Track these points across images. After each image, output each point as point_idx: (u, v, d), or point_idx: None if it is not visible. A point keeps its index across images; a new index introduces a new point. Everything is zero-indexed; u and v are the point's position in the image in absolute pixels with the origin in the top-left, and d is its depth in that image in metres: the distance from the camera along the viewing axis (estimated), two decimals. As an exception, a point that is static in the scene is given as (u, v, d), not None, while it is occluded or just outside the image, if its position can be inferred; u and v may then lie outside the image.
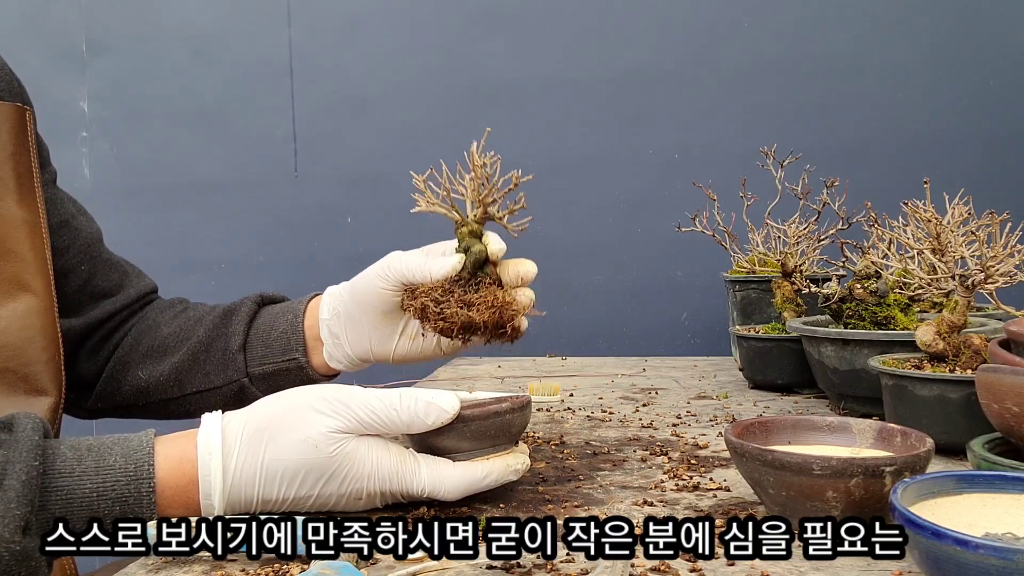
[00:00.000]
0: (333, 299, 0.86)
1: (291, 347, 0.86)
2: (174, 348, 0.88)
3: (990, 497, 0.52)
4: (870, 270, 0.99)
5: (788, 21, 1.67)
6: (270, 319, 0.89)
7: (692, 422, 1.00)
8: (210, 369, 0.87)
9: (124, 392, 0.89)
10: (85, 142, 1.96)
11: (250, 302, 0.90)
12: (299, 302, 0.89)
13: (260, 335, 0.87)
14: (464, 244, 0.77)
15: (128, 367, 0.89)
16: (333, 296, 0.86)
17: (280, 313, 0.89)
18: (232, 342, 0.86)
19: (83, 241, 0.88)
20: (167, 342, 0.89)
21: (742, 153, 1.44)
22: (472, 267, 0.75)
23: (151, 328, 0.91)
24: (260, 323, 0.89)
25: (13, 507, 0.52)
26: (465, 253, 0.76)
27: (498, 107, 1.78)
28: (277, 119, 1.88)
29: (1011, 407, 0.63)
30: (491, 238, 0.78)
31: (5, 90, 0.78)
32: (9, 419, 0.59)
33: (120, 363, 0.89)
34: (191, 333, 0.89)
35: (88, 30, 1.95)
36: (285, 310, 0.89)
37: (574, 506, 0.68)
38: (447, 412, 0.64)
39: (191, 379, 0.87)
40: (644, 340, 1.73)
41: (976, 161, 1.60)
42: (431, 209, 0.78)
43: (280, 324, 0.87)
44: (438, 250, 0.81)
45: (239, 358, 0.86)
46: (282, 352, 0.86)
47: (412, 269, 0.77)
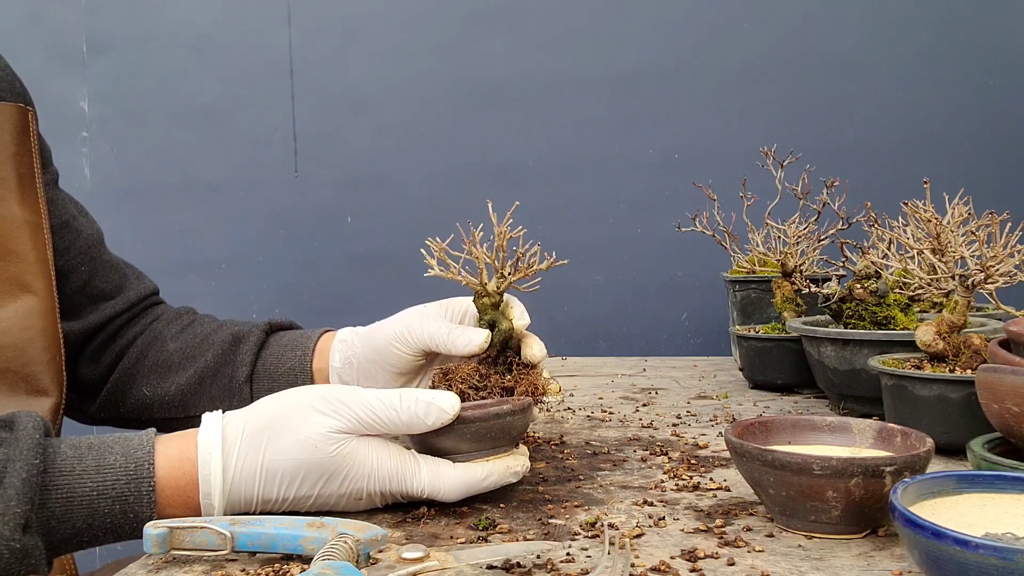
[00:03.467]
0: (345, 347, 0.85)
1: (298, 384, 0.85)
2: (180, 367, 0.88)
3: (990, 497, 0.52)
4: (870, 270, 0.99)
5: (788, 21, 1.67)
6: (278, 351, 0.88)
7: (692, 422, 1.00)
8: (216, 395, 0.86)
9: (128, 405, 0.89)
10: (85, 142, 1.96)
11: (259, 331, 0.89)
12: (308, 338, 0.88)
13: (267, 368, 0.87)
14: (489, 318, 0.75)
15: (133, 380, 0.89)
16: (345, 344, 0.85)
17: (288, 347, 0.88)
18: (239, 372, 0.86)
19: (84, 242, 0.88)
20: (172, 359, 0.88)
21: (742, 153, 1.44)
22: (500, 345, 0.75)
23: (157, 340, 0.90)
24: (268, 355, 0.88)
25: (13, 505, 0.52)
26: (491, 329, 0.75)
27: (498, 107, 1.78)
28: (277, 119, 1.88)
29: (1011, 407, 0.63)
30: (515, 311, 0.77)
31: (7, 91, 0.78)
32: (10, 417, 0.59)
33: (125, 375, 0.89)
34: (197, 353, 0.88)
35: (88, 30, 1.95)
36: (294, 345, 0.88)
37: (574, 506, 0.68)
38: (447, 413, 0.64)
39: (196, 403, 0.87)
40: (644, 340, 1.74)
41: (976, 161, 1.60)
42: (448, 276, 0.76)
43: (288, 360, 0.86)
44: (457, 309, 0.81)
45: (245, 389, 0.86)
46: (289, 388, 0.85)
47: (435, 339, 0.76)
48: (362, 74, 1.84)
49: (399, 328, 0.79)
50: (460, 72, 1.80)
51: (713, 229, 1.24)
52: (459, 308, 0.81)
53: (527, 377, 0.74)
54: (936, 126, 1.62)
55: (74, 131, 1.95)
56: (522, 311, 0.77)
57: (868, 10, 1.64)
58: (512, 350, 0.75)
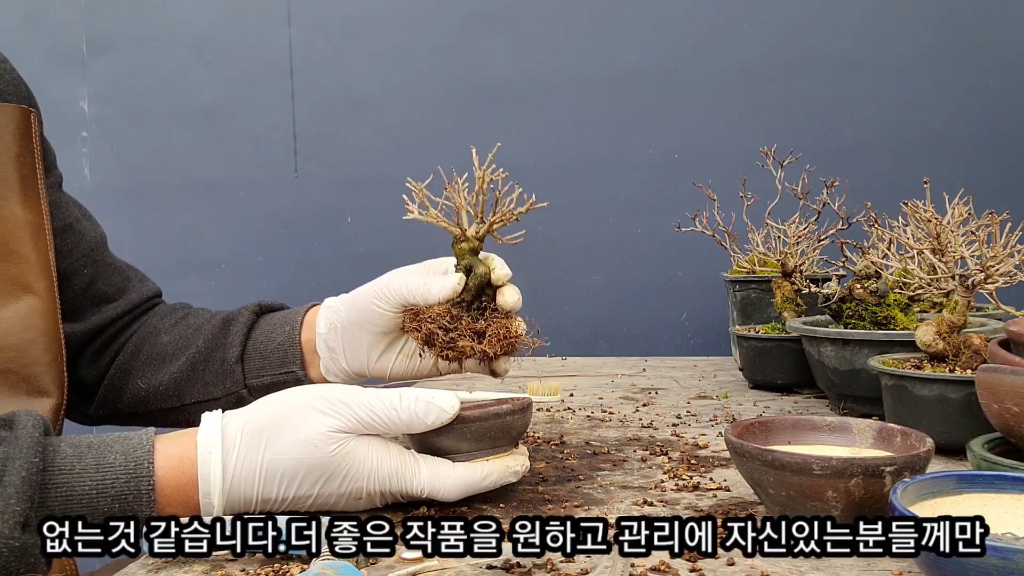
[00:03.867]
0: (330, 312, 0.85)
1: (288, 360, 0.85)
2: (173, 356, 0.88)
3: (990, 497, 0.52)
4: (870, 270, 0.99)
5: (788, 21, 1.67)
6: (268, 330, 0.88)
7: (692, 422, 1.00)
8: (209, 379, 0.86)
9: (125, 400, 0.89)
10: (85, 142, 1.96)
11: (248, 312, 0.89)
12: (296, 312, 0.88)
13: (258, 347, 0.87)
14: (466, 263, 0.74)
15: (129, 375, 0.89)
16: (330, 309, 0.85)
17: (278, 324, 0.88)
18: (230, 353, 0.86)
19: (86, 245, 0.88)
20: (166, 350, 0.89)
21: (742, 153, 1.44)
22: (475, 290, 0.73)
23: (151, 335, 0.91)
24: (258, 334, 0.88)
25: (12, 503, 0.52)
26: (467, 274, 0.74)
27: (498, 107, 1.78)
28: (277, 119, 1.88)
29: (1011, 407, 0.63)
30: (496, 261, 0.76)
31: (12, 93, 0.78)
32: (10, 416, 0.59)
33: (121, 370, 0.89)
34: (190, 342, 0.88)
35: (88, 30, 1.95)
36: (283, 321, 0.88)
37: (574, 506, 0.68)
38: (447, 412, 0.64)
39: (190, 390, 0.87)
40: (644, 340, 1.74)
41: (976, 161, 1.60)
42: (426, 219, 0.75)
43: (277, 336, 0.87)
44: (438, 268, 0.80)
45: (237, 369, 0.86)
46: (279, 364, 0.86)
47: (412, 290, 0.75)
48: (362, 74, 1.84)
49: (379, 286, 0.79)
50: (460, 72, 1.80)
51: (713, 229, 1.24)
52: (440, 267, 0.80)
53: (500, 321, 0.73)
54: (936, 126, 1.62)
55: (74, 131, 1.95)
56: (502, 263, 0.76)
57: (868, 10, 1.64)
58: (488, 297, 0.74)
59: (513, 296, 0.74)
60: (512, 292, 0.75)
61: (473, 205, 0.74)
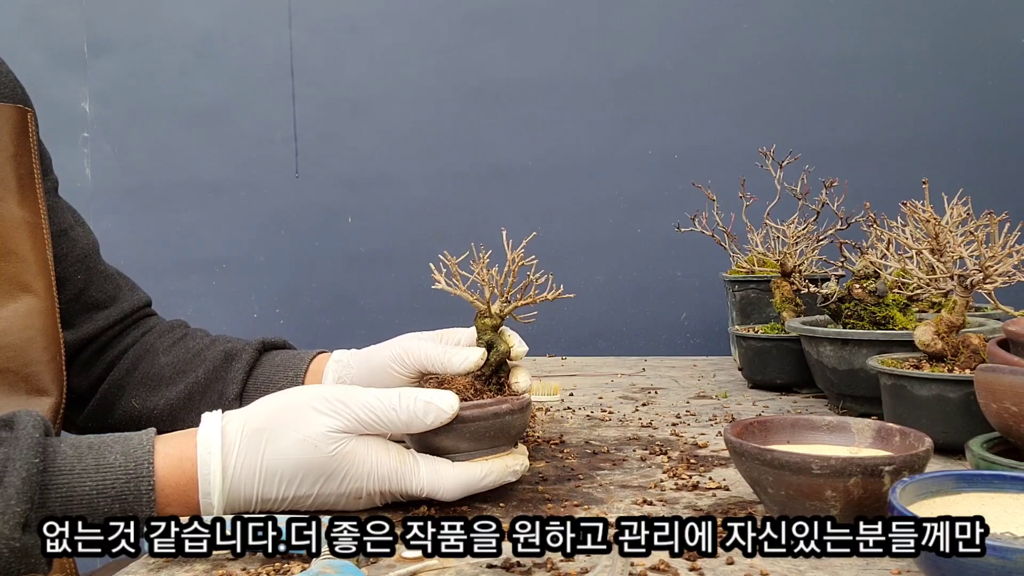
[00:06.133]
0: (340, 367, 0.85)
1: None
2: (170, 381, 0.87)
3: (989, 497, 0.52)
4: (869, 270, 0.99)
5: (788, 21, 1.68)
6: (270, 371, 0.87)
7: (691, 421, 1.00)
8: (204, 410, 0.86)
9: (116, 416, 0.88)
10: (86, 142, 1.96)
11: (251, 349, 0.89)
12: (301, 358, 0.88)
13: (259, 386, 0.86)
14: (487, 339, 0.76)
15: (123, 391, 0.88)
16: (340, 364, 0.85)
17: (281, 367, 0.87)
18: (229, 389, 0.85)
19: (80, 251, 0.88)
20: (163, 372, 0.88)
21: (742, 153, 1.44)
22: (495, 365, 0.75)
23: (148, 353, 0.90)
24: (259, 373, 0.87)
25: (13, 504, 0.53)
26: (488, 349, 0.76)
27: (498, 107, 1.78)
28: (277, 119, 1.88)
29: (1009, 407, 0.63)
30: (515, 339, 0.78)
31: (8, 94, 0.78)
32: (10, 417, 0.59)
33: (115, 386, 0.89)
34: (189, 369, 0.88)
35: (89, 30, 1.95)
36: (287, 364, 0.87)
37: (574, 505, 0.68)
38: (446, 412, 0.64)
39: (184, 417, 0.86)
40: (644, 340, 1.74)
41: (975, 161, 1.60)
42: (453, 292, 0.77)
43: (280, 380, 0.86)
44: (452, 338, 0.81)
45: (235, 406, 0.84)
46: None
47: (432, 360, 0.76)
48: (362, 74, 1.84)
49: (397, 350, 0.79)
50: (460, 73, 1.80)
51: (712, 229, 1.24)
52: (454, 337, 0.82)
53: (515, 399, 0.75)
54: (936, 126, 1.62)
55: (75, 132, 1.96)
56: (520, 341, 0.79)
57: (868, 10, 1.64)
58: (504, 375, 0.76)
59: (525, 380, 0.76)
60: (525, 376, 0.76)
61: (499, 284, 0.76)
